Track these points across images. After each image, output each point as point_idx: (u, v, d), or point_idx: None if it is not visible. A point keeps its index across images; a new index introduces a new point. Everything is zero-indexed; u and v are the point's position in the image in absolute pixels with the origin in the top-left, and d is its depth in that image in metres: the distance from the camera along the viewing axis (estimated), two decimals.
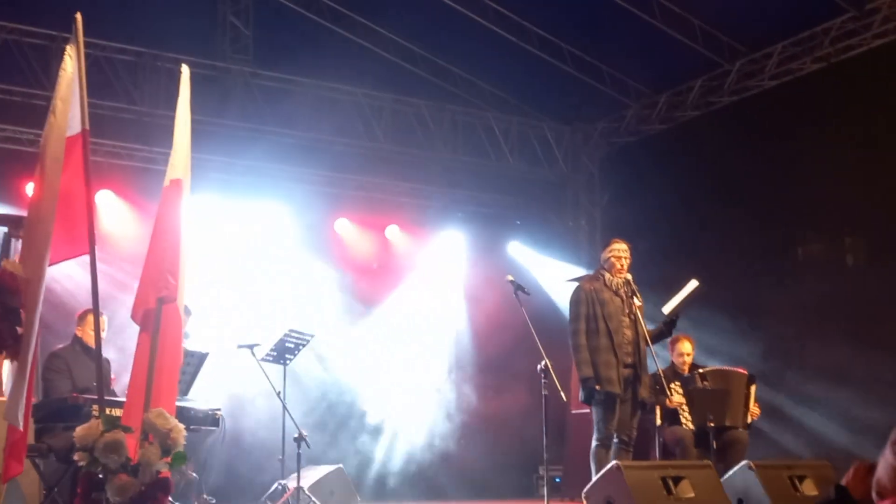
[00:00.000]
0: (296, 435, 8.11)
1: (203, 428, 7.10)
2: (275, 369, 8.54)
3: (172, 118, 4.73)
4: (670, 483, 5.90)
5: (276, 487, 8.49)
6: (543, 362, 6.90)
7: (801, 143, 10.35)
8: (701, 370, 7.79)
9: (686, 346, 7.93)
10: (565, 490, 10.74)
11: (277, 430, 8.62)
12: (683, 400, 7.59)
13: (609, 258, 7.10)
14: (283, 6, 11.37)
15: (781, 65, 10.82)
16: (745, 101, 11.30)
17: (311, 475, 8.49)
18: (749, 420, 7.69)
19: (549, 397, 6.94)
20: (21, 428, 4.06)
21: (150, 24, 10.21)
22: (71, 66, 4.30)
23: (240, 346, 8.45)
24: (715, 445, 7.53)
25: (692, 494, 5.87)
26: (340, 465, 9.09)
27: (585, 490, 6.22)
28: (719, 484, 6.15)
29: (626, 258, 7.08)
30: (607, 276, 7.04)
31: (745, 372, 7.88)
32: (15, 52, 9.99)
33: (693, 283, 7.07)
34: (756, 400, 7.76)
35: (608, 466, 6.13)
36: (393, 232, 12.77)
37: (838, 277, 10.50)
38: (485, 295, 12.22)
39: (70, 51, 4.35)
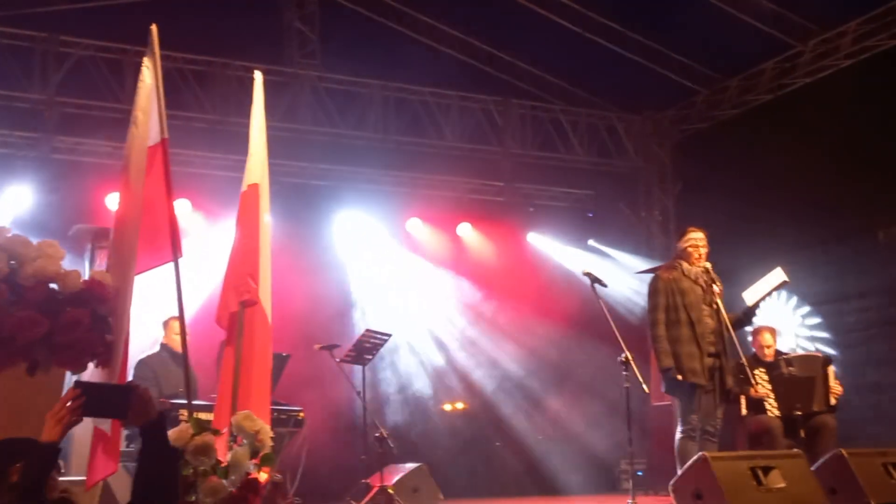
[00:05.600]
0: (377, 434, 8.19)
1: (287, 429, 7.18)
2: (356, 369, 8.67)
3: (243, 125, 4.79)
4: (760, 473, 5.76)
5: (360, 486, 8.55)
6: (623, 354, 6.82)
7: (880, 123, 10.05)
8: (786, 356, 7.63)
9: (767, 339, 7.75)
10: (649, 484, 10.62)
11: (359, 430, 8.70)
12: (769, 388, 7.44)
13: (686, 248, 6.96)
14: (348, 9, 11.45)
15: (857, 42, 10.54)
16: (820, 82, 11.03)
17: (393, 473, 8.54)
18: (833, 401, 7.49)
19: (630, 390, 6.87)
20: (109, 433, 4.15)
21: (218, 34, 10.38)
22: (149, 77, 4.37)
23: (320, 348, 8.56)
24: (802, 433, 7.38)
25: (783, 484, 5.72)
26: (423, 464, 9.12)
27: (672, 482, 6.12)
28: (811, 473, 5.99)
29: (703, 247, 6.94)
30: (685, 265, 6.91)
31: (820, 354, 7.75)
32: (90, 68, 10.26)
33: (779, 275, 6.90)
34: (836, 378, 7.58)
35: (694, 458, 6.02)
36: (465, 229, 12.73)
37: None
38: (560, 288, 12.13)
39: (147, 62, 4.41)
